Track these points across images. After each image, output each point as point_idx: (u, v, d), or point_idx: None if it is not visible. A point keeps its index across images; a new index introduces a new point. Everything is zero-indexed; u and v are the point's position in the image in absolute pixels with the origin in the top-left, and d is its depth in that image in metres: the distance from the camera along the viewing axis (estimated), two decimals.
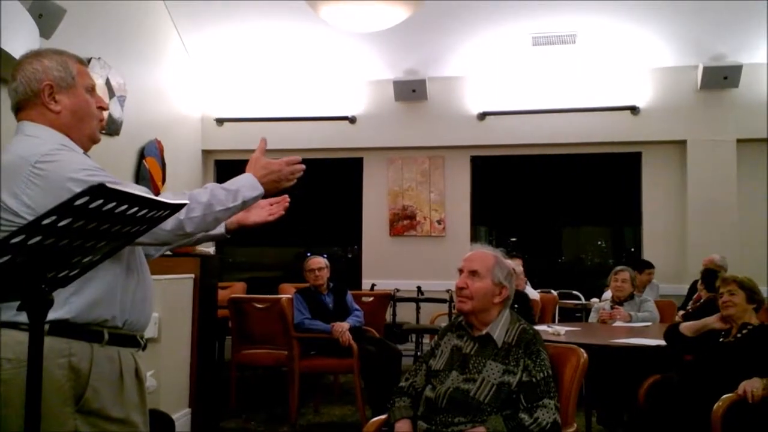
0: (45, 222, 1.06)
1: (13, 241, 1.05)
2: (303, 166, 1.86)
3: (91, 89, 1.77)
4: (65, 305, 1.56)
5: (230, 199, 1.69)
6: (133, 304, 1.71)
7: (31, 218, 1.34)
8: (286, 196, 2.05)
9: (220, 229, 2.00)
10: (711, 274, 4.92)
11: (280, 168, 1.82)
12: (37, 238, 1.07)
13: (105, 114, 1.84)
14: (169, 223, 1.57)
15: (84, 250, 1.20)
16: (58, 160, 1.56)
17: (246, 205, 1.76)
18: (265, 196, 1.82)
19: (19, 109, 1.71)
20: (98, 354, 1.62)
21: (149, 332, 3.63)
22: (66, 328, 1.57)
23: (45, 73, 1.69)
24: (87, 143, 1.76)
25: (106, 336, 1.64)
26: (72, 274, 1.27)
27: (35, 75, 1.68)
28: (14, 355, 1.53)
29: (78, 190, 1.44)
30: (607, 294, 5.65)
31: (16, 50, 3.87)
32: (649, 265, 6.40)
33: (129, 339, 1.72)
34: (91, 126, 1.76)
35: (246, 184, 1.75)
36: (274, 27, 6.83)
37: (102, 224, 1.15)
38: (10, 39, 3.93)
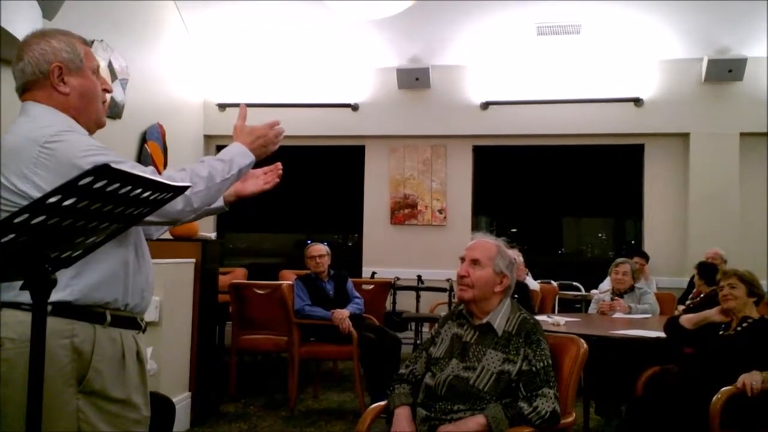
0: (49, 201, 1.05)
1: (17, 220, 1.05)
2: (283, 128, 1.90)
3: (97, 70, 1.76)
4: (66, 288, 1.56)
5: (227, 169, 1.72)
6: (134, 287, 1.71)
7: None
8: (279, 163, 2.06)
9: (219, 202, 1.98)
10: (710, 268, 4.93)
11: (265, 132, 1.86)
12: (41, 218, 1.07)
13: (108, 96, 1.83)
14: (179, 202, 1.59)
15: (87, 231, 1.20)
16: (66, 140, 1.55)
17: (241, 173, 1.78)
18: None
19: (25, 90, 1.69)
20: (101, 335, 1.62)
21: (150, 316, 3.64)
22: (68, 310, 1.57)
23: (54, 54, 1.67)
24: (93, 127, 1.75)
25: (109, 317, 1.64)
26: (75, 254, 1.27)
27: (44, 56, 1.66)
28: (16, 335, 1.53)
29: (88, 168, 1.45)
30: (605, 284, 5.66)
31: (19, 31, 3.85)
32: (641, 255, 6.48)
33: (130, 321, 1.73)
34: (97, 108, 1.75)
35: (238, 152, 1.78)
36: (276, 11, 6.79)
37: (106, 205, 1.14)
38: (13, 20, 3.91)
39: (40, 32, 1.72)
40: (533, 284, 5.62)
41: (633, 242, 7.40)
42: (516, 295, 3.72)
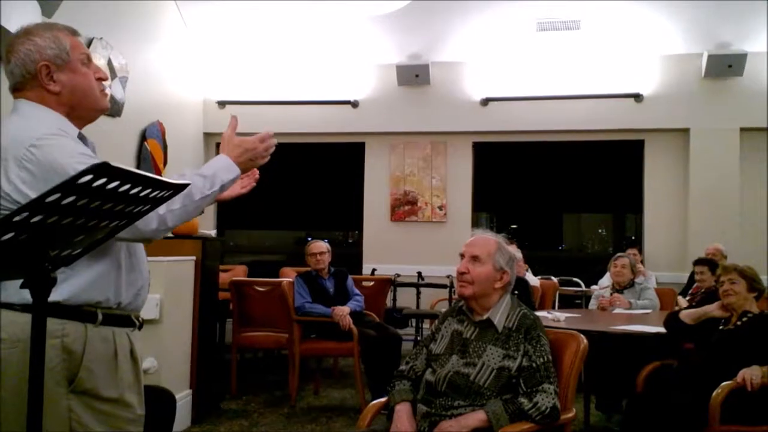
0: (48, 200, 1.05)
1: (16, 218, 1.05)
2: (275, 141, 1.80)
3: (87, 60, 1.71)
4: (55, 290, 1.53)
5: (208, 185, 1.64)
6: (128, 286, 1.69)
7: (23, 202, 1.33)
8: (255, 169, 2.02)
9: None
10: (711, 265, 4.93)
11: (254, 146, 1.75)
12: (40, 216, 1.07)
13: (106, 84, 1.77)
14: (153, 221, 1.54)
15: (87, 229, 1.20)
16: (51, 145, 1.52)
17: (224, 189, 1.70)
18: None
19: (17, 90, 1.67)
20: (92, 334, 1.60)
21: (151, 313, 3.64)
22: (59, 310, 1.54)
23: (39, 53, 1.63)
24: (94, 114, 1.73)
25: (100, 316, 1.62)
26: (75, 252, 1.27)
27: (29, 56, 1.62)
28: (7, 336, 1.53)
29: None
30: (605, 279, 5.66)
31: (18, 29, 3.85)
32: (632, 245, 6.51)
33: (124, 319, 1.70)
34: (94, 98, 1.71)
35: (222, 166, 1.69)
36: (275, 8, 6.78)
37: (105, 203, 1.14)
38: (11, 18, 3.91)
39: (24, 30, 1.67)
40: (533, 280, 5.62)
41: (633, 238, 7.40)
42: (516, 291, 3.72)
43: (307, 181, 7.72)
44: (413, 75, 7.20)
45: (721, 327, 3.26)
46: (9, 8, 3.91)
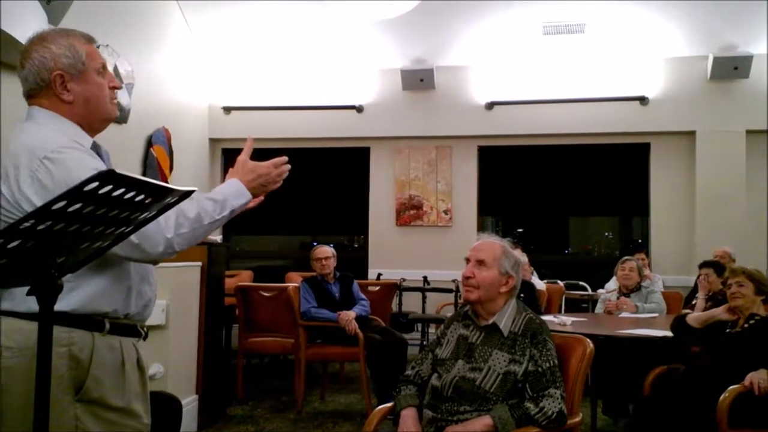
0: (55, 207, 1.06)
1: (23, 226, 1.06)
2: (289, 167, 1.78)
3: (102, 69, 1.71)
4: (61, 300, 1.53)
5: (218, 210, 1.63)
6: (137, 297, 1.69)
7: (30, 210, 1.33)
8: None
9: None
10: (717, 267, 4.91)
11: (267, 171, 1.74)
12: (47, 224, 1.08)
13: (117, 93, 1.77)
14: (160, 244, 1.53)
15: (93, 236, 1.20)
16: (65, 159, 1.51)
17: (233, 214, 1.68)
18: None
19: (30, 96, 1.66)
20: (99, 343, 1.60)
21: (157, 319, 3.66)
22: (66, 319, 1.54)
23: (54, 61, 1.62)
24: (103, 124, 1.73)
25: (107, 325, 1.62)
26: (81, 259, 1.27)
27: (44, 64, 1.61)
28: (14, 344, 1.53)
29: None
30: (612, 283, 5.64)
31: (23, 36, 3.87)
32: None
33: (130, 329, 1.70)
34: (105, 109, 1.71)
35: (233, 191, 1.68)
36: (280, 14, 6.80)
37: (111, 210, 1.15)
38: (17, 25, 3.93)
39: (40, 37, 1.66)
40: (539, 284, 5.61)
41: (640, 241, 7.38)
42: (522, 295, 3.72)
43: (313, 186, 7.72)
44: (418, 79, 7.20)
45: (728, 330, 3.25)
46: (15, 15, 3.93)
